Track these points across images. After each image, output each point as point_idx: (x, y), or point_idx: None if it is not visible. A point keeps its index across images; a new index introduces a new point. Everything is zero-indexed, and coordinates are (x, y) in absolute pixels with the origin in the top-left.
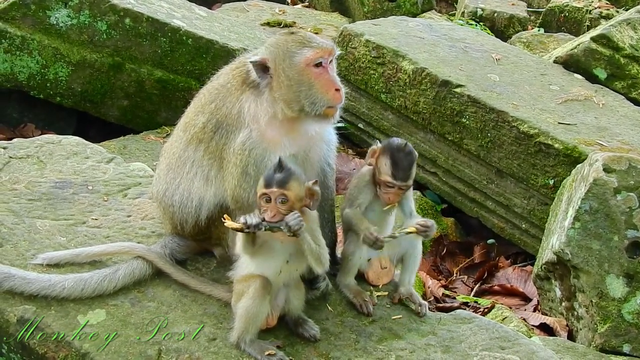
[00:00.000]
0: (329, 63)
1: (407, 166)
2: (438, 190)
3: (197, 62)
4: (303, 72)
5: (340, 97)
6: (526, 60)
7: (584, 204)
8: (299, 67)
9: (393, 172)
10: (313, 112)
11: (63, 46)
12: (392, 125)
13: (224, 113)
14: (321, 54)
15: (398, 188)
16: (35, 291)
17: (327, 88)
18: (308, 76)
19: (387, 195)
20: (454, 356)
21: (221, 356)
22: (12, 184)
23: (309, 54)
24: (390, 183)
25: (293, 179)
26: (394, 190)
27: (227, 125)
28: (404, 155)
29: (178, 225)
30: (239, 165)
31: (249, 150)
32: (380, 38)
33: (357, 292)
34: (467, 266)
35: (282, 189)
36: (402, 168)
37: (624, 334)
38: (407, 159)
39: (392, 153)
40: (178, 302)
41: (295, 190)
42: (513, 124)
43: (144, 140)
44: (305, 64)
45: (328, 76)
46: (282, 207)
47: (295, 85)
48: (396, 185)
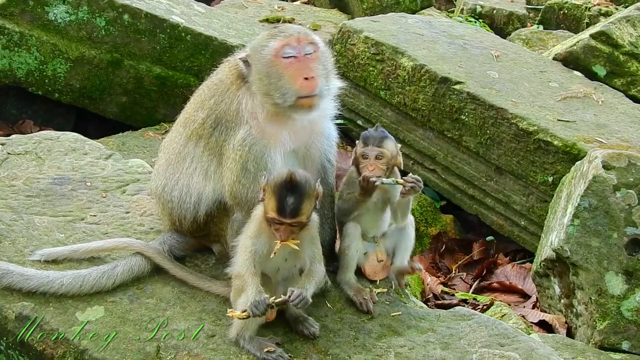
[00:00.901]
0: (306, 54)
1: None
2: (437, 188)
3: (195, 59)
4: (272, 64)
5: (310, 85)
6: (525, 57)
7: (583, 201)
8: (268, 59)
9: (364, 142)
10: (285, 104)
11: (61, 42)
12: (391, 122)
13: (222, 109)
14: (285, 41)
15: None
16: (33, 287)
17: (295, 78)
18: (277, 67)
19: (365, 166)
20: (453, 353)
21: (220, 353)
22: (11, 180)
23: (275, 44)
24: (364, 152)
25: (305, 202)
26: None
27: (226, 121)
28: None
29: (177, 221)
30: (238, 161)
31: (249, 146)
32: (379, 35)
33: (358, 290)
34: (466, 263)
35: (294, 219)
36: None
37: (623, 331)
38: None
39: (362, 134)
40: (177, 299)
41: (307, 212)
42: (512, 121)
43: (142, 137)
44: (274, 56)
45: (297, 66)
46: (294, 229)
47: (266, 78)
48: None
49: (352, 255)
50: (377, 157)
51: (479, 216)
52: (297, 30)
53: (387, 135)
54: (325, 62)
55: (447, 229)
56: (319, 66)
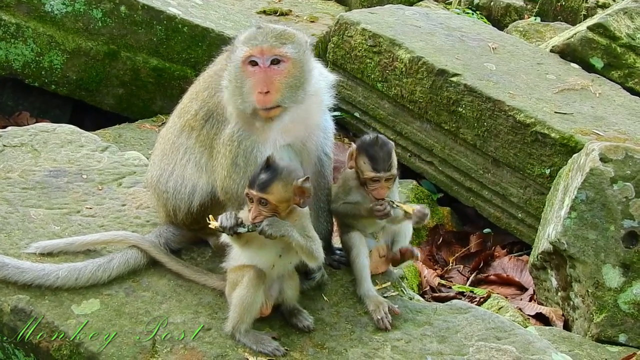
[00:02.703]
0: (271, 65)
1: (385, 156)
2: (434, 180)
3: (192, 51)
4: (238, 69)
5: (264, 100)
6: (523, 50)
7: (581, 193)
8: (236, 63)
9: (373, 166)
10: (246, 110)
11: (58, 34)
12: (388, 114)
13: (214, 102)
14: (250, 52)
15: (385, 180)
16: (29, 280)
17: (253, 89)
18: (242, 74)
19: (375, 190)
20: (449, 346)
21: (216, 346)
22: (6, 172)
23: (242, 52)
24: (375, 177)
25: (276, 181)
26: (380, 183)
27: (217, 114)
28: (379, 147)
29: (171, 212)
30: (228, 156)
31: (238, 142)
32: (376, 27)
33: (377, 305)
34: (463, 256)
35: (261, 193)
36: (381, 159)
37: (620, 324)
38: (383, 150)
39: (367, 149)
40: (173, 292)
41: (277, 194)
42: (509, 113)
43: (139, 129)
44: (241, 62)
45: (258, 77)
46: (263, 208)
47: (232, 80)
48: (381, 178)
49: (364, 264)
50: (387, 179)
51: (476, 209)
52: (271, 37)
53: (390, 149)
54: (297, 71)
55: (444, 221)
56: (284, 78)
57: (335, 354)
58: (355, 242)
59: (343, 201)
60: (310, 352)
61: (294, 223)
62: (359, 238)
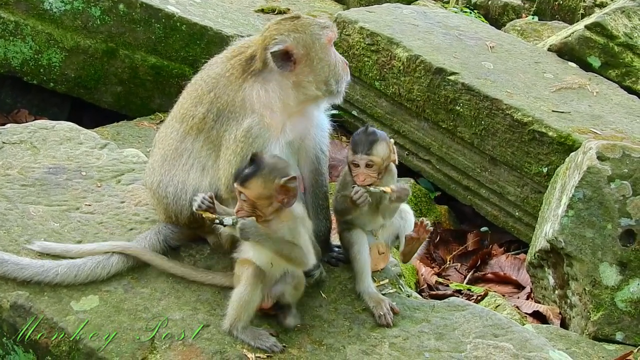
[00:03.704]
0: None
1: (365, 141)
2: (432, 178)
3: (191, 49)
4: (329, 53)
5: (347, 69)
6: (520, 48)
7: (578, 192)
8: (326, 48)
9: (353, 149)
10: (337, 89)
11: (57, 32)
12: (386, 112)
13: (225, 101)
14: (336, 32)
15: (365, 166)
16: (28, 277)
17: (343, 64)
18: (331, 56)
19: (357, 176)
20: (447, 343)
21: (215, 343)
22: (5, 169)
23: (331, 34)
24: (353, 160)
25: (256, 177)
26: (360, 169)
27: (229, 112)
28: (363, 133)
29: (172, 216)
30: (238, 153)
31: (254, 137)
32: (374, 25)
33: (378, 301)
34: (460, 254)
35: (240, 187)
36: (361, 143)
37: (617, 322)
38: (366, 135)
39: (354, 136)
40: (171, 289)
41: (255, 190)
42: (507, 111)
43: (137, 127)
44: (329, 45)
45: (337, 53)
46: (245, 204)
47: (326, 66)
48: (360, 161)
49: (365, 262)
50: (367, 165)
51: (473, 207)
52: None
53: (377, 137)
54: None
55: (442, 219)
56: None
57: (333, 350)
58: (357, 239)
59: (340, 194)
60: (308, 349)
61: (280, 225)
62: (361, 235)
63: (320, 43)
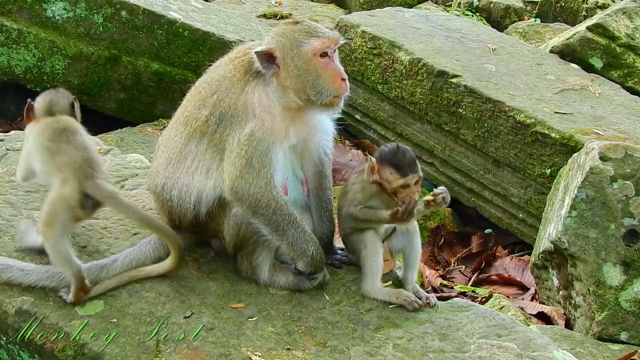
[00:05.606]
0: (334, 52)
1: (410, 161)
2: (435, 181)
3: (193, 55)
4: (310, 62)
5: (345, 86)
6: (522, 50)
7: (581, 192)
8: (307, 57)
9: (402, 174)
10: (319, 101)
11: (59, 39)
12: (389, 116)
13: (227, 104)
14: (328, 43)
15: (415, 183)
16: (33, 282)
17: (333, 78)
18: (315, 66)
19: (408, 196)
20: (451, 344)
21: (219, 346)
22: (10, 176)
23: (316, 44)
24: (405, 183)
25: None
26: (410, 189)
27: (231, 116)
28: (402, 155)
29: (176, 219)
30: (243, 156)
31: (258, 141)
32: (376, 29)
33: (397, 293)
34: (464, 256)
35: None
36: (407, 165)
37: (622, 322)
38: (406, 156)
39: (390, 160)
40: (176, 293)
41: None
42: (509, 113)
43: (141, 133)
44: (312, 54)
45: (334, 66)
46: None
47: (303, 75)
48: (411, 182)
49: (380, 262)
50: (416, 182)
51: (477, 209)
52: (329, 30)
53: (412, 153)
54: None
55: (446, 222)
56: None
57: (337, 352)
58: (371, 240)
59: (363, 205)
60: (312, 351)
61: None
62: (375, 236)
63: (300, 50)
